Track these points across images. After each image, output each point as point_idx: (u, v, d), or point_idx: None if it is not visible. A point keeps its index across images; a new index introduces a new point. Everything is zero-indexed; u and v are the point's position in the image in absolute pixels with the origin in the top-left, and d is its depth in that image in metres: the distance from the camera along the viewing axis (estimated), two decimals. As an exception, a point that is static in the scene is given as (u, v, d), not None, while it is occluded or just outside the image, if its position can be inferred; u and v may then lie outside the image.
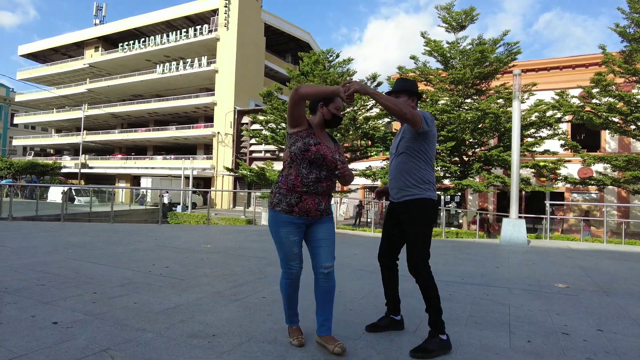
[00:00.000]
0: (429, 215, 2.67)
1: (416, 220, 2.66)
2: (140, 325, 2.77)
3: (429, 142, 2.66)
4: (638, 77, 16.42)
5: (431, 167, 2.71)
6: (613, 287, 4.77)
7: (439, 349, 2.46)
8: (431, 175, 2.70)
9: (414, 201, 2.65)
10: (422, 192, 2.64)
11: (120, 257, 5.39)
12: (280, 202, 2.41)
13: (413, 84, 2.80)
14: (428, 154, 2.68)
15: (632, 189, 16.91)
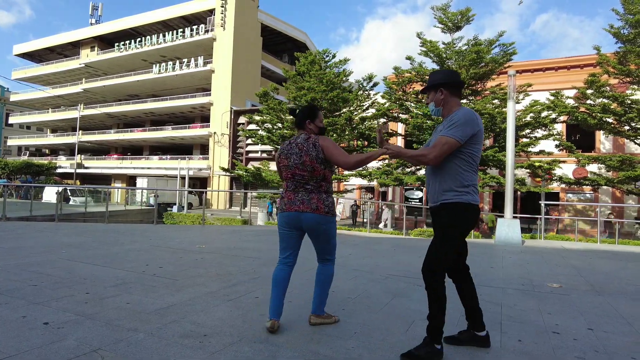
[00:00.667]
0: (462, 220, 2.45)
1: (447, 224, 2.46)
2: (132, 326, 2.76)
3: (471, 144, 2.42)
4: (632, 78, 16.54)
5: (473, 170, 2.47)
6: (605, 286, 4.80)
7: (430, 357, 2.36)
8: (472, 179, 2.46)
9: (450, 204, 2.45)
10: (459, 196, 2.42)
11: (114, 258, 5.38)
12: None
13: (435, 76, 2.61)
14: (470, 156, 2.44)
15: (626, 189, 17.02)
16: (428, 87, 2.62)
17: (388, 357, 2.43)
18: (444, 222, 2.47)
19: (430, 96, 2.62)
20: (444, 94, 2.54)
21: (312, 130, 2.86)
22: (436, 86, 2.56)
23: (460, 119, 2.39)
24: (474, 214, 2.47)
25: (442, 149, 2.37)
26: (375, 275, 4.91)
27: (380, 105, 20.71)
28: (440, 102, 2.57)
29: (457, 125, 2.37)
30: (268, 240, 8.07)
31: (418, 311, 3.43)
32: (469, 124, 2.37)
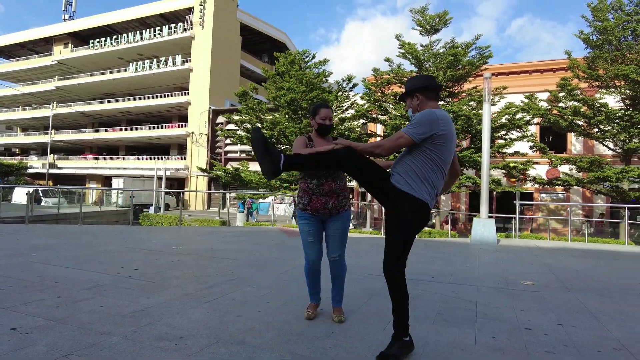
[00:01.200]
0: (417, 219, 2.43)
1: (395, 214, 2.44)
2: (105, 329, 2.70)
3: (435, 143, 2.37)
4: (600, 83, 17.11)
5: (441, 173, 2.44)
6: (575, 283, 4.95)
7: (403, 352, 2.41)
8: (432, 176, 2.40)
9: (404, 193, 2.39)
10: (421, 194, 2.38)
11: (87, 260, 5.25)
12: (299, 203, 3.03)
13: (409, 83, 2.61)
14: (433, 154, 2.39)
15: (595, 189, 17.59)
16: (404, 95, 2.65)
17: (365, 355, 2.45)
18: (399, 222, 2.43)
19: (407, 103, 2.65)
20: (420, 99, 2.56)
21: (314, 126, 3.07)
22: (411, 92, 2.58)
23: (417, 118, 2.38)
24: (427, 212, 2.42)
25: (396, 142, 2.36)
26: (353, 275, 4.94)
27: (359, 106, 20.83)
28: (416, 108, 2.57)
29: (413, 124, 2.37)
30: (247, 242, 8.01)
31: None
32: (425, 124, 2.34)
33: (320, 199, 2.93)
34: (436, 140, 2.36)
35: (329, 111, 3.02)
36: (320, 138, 3.06)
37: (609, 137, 17.09)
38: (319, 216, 2.98)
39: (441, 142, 2.38)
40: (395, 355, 2.38)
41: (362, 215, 25.15)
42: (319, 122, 3.02)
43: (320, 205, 2.94)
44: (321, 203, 2.93)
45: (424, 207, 2.39)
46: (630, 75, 15.12)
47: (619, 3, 16.42)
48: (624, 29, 16.15)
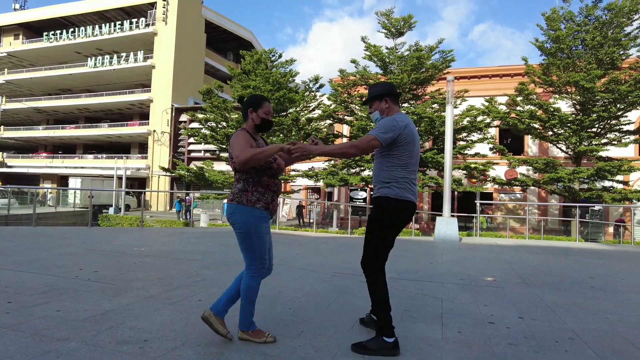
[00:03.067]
0: (388, 214, 2.58)
1: (374, 217, 2.63)
2: (62, 335, 2.57)
3: (400, 146, 2.56)
4: (554, 88, 18.01)
5: (402, 167, 2.59)
6: (533, 278, 5.17)
7: (378, 349, 2.44)
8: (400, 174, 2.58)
9: (375, 198, 2.65)
10: (382, 189, 2.60)
11: (42, 263, 4.97)
12: (259, 200, 2.51)
13: (378, 88, 2.79)
14: (400, 156, 2.58)
15: (549, 189, 18.47)
16: (373, 97, 2.79)
17: (335, 353, 2.45)
18: (372, 216, 2.65)
19: (374, 106, 2.79)
20: (388, 103, 2.75)
21: (254, 120, 2.62)
22: (382, 96, 2.75)
23: (383, 124, 2.57)
24: (396, 206, 2.57)
25: (369, 144, 2.55)
26: (321, 274, 4.95)
27: (326, 106, 20.92)
28: (384, 111, 2.76)
29: (380, 128, 2.55)
30: (212, 243, 7.86)
31: (363, 307, 3.49)
32: (390, 130, 2.53)
33: (277, 198, 2.67)
34: (401, 144, 2.57)
35: (270, 106, 2.68)
36: (257, 135, 2.67)
37: (561, 140, 17.99)
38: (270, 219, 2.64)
39: (403, 143, 2.57)
40: (369, 348, 2.45)
41: (328, 215, 25.27)
42: (263, 116, 2.61)
43: (277, 205, 2.69)
44: (277, 202, 2.69)
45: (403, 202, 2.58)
46: (580, 82, 15.98)
47: (570, 14, 17.37)
48: (575, 39, 17.09)
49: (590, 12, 16.90)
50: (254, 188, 2.51)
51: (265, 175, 2.55)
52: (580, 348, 2.69)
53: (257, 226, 2.48)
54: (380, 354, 2.44)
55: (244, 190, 2.51)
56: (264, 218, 2.52)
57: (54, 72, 41.16)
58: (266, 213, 2.54)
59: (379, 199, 2.62)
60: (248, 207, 2.47)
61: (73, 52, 40.93)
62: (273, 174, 2.58)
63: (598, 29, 16.62)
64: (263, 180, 2.53)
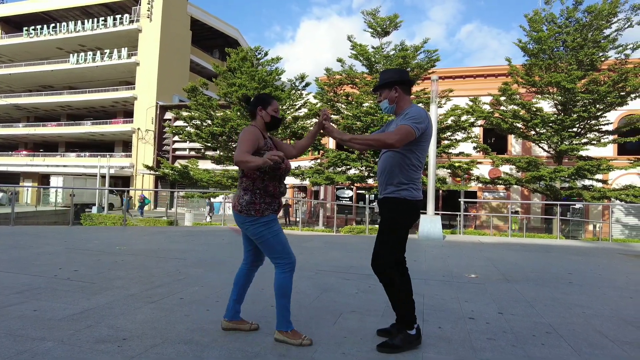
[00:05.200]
0: (402, 215, 2.53)
1: (388, 217, 2.55)
2: (38, 334, 2.52)
3: (421, 141, 2.50)
4: (537, 88, 18.32)
5: (417, 167, 2.55)
6: (514, 275, 5.26)
7: (405, 343, 2.46)
8: (414, 175, 2.54)
9: (390, 199, 2.54)
10: (399, 191, 2.51)
11: (20, 262, 4.87)
12: (268, 209, 2.54)
13: (388, 74, 2.66)
14: (417, 153, 2.52)
15: (532, 187, 18.80)
16: (382, 85, 2.65)
17: (316, 349, 2.46)
18: (386, 216, 2.57)
19: (384, 94, 2.66)
20: (398, 92, 2.60)
21: (264, 118, 2.64)
22: (391, 84, 2.61)
23: (416, 114, 2.47)
24: (411, 208, 2.52)
25: (404, 136, 2.41)
26: (305, 271, 4.95)
27: (312, 105, 20.90)
28: (394, 100, 2.62)
29: (415, 119, 2.44)
30: (195, 241, 7.80)
31: (346, 304, 3.51)
32: (423, 121, 2.45)
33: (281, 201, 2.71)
34: (422, 138, 2.48)
35: (277, 104, 2.73)
36: (266, 134, 2.69)
37: (543, 140, 18.31)
38: None
39: (425, 139, 2.51)
40: (397, 345, 2.45)
41: (315, 214, 25.29)
42: (272, 114, 2.65)
43: (282, 205, 2.73)
44: (282, 203, 2.74)
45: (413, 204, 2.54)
46: (561, 83, 16.29)
47: (552, 16, 17.69)
48: (556, 40, 17.42)
49: (571, 14, 17.23)
50: (262, 200, 2.53)
51: (272, 182, 2.55)
52: (556, 341, 2.75)
53: (269, 229, 2.52)
54: (406, 349, 2.46)
55: (251, 202, 2.52)
56: (274, 220, 2.57)
57: (35, 68, 40.25)
58: (274, 215, 2.59)
59: (397, 200, 2.51)
60: (257, 217, 2.50)
61: (54, 47, 40.09)
62: (280, 175, 2.58)
63: (578, 31, 16.95)
64: (269, 190, 2.54)
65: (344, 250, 7.34)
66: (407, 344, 2.48)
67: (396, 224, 2.53)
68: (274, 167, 2.47)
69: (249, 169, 2.47)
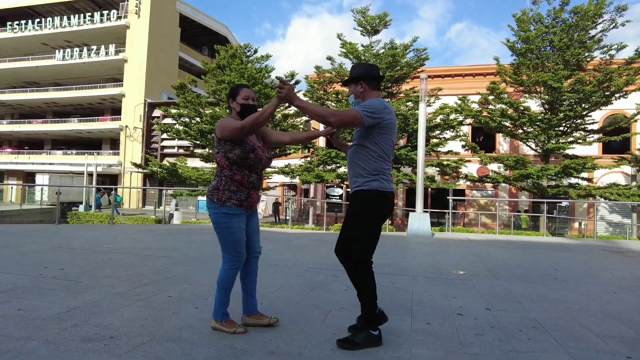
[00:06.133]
0: (376, 207, 2.51)
1: (358, 211, 2.53)
2: (22, 334, 2.48)
3: (382, 132, 2.48)
4: (524, 88, 18.53)
5: (384, 158, 2.52)
6: (501, 271, 5.32)
7: (366, 342, 2.45)
8: (383, 166, 2.51)
9: (361, 192, 2.52)
10: (370, 182, 2.49)
11: (3, 261, 4.79)
12: (231, 199, 2.56)
13: (355, 70, 2.66)
14: (380, 144, 2.49)
15: (519, 185, 19.03)
16: (349, 80, 2.67)
17: (305, 346, 2.46)
18: (356, 210, 2.55)
19: (351, 89, 2.67)
20: (364, 87, 2.60)
21: (235, 108, 2.65)
22: (356, 79, 2.62)
23: (370, 104, 2.47)
24: (383, 200, 2.51)
25: (346, 118, 2.43)
26: (294, 269, 4.95)
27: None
28: (359, 95, 2.63)
29: (367, 107, 2.44)
30: (183, 239, 7.75)
31: (335, 301, 3.52)
32: (378, 112, 2.43)
33: (257, 193, 2.68)
34: (382, 130, 2.47)
35: (250, 91, 2.69)
36: None
37: (531, 138, 18.54)
38: (249, 212, 2.68)
39: (387, 131, 2.49)
40: (358, 343, 2.44)
41: (305, 212, 25.28)
42: (242, 102, 2.62)
43: (257, 200, 2.70)
44: (258, 197, 2.71)
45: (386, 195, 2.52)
46: (548, 82, 16.50)
47: (539, 16, 17.90)
48: (543, 40, 17.64)
49: (558, 14, 17.45)
50: (226, 187, 2.56)
51: (240, 170, 2.56)
52: (542, 336, 2.79)
53: (226, 222, 2.54)
54: (367, 347, 2.44)
55: (216, 188, 2.58)
56: (235, 215, 2.56)
57: (19, 64, 39.48)
58: (239, 210, 2.57)
59: (366, 192, 2.49)
60: (218, 205, 2.55)
61: (40, 43, 39.37)
62: (250, 164, 2.57)
63: (565, 31, 17.18)
64: (235, 178, 2.55)
65: (332, 247, 7.34)
66: (369, 343, 2.45)
67: (369, 217, 2.51)
68: (242, 156, 2.53)
69: (265, 120, 2.47)
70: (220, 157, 2.58)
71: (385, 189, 2.51)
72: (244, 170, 2.58)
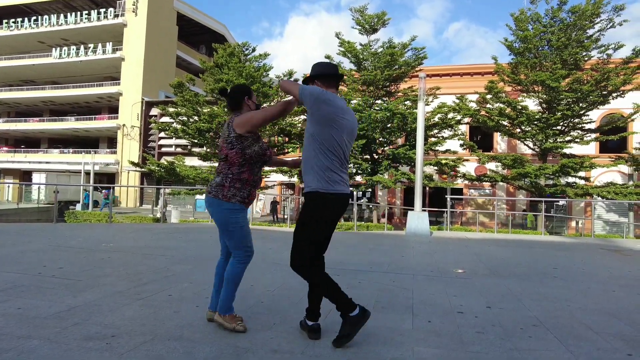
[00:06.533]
0: (318, 209, 2.43)
1: (303, 213, 2.48)
2: (23, 333, 2.47)
3: (324, 124, 2.39)
4: (522, 87, 18.58)
5: (326, 155, 2.41)
6: (501, 270, 5.33)
7: (351, 329, 2.40)
8: (330, 163, 2.41)
9: (306, 194, 2.47)
10: (315, 182, 2.41)
11: (2, 260, 4.76)
12: (235, 195, 2.58)
13: (313, 69, 2.63)
14: (324, 142, 2.40)
15: (517, 184, 19.08)
16: (305, 80, 2.69)
17: (307, 344, 2.46)
18: (302, 212, 2.53)
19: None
20: (319, 86, 2.54)
21: (250, 107, 2.71)
22: (311, 79, 2.61)
23: (317, 88, 2.43)
24: (328, 201, 2.41)
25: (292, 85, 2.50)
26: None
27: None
28: None
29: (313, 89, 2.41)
30: (182, 238, 7.73)
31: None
32: (315, 92, 2.38)
33: (255, 191, 2.71)
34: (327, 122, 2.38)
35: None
36: None
37: (529, 137, 18.59)
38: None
39: (329, 125, 2.39)
40: (345, 335, 2.41)
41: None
42: (257, 102, 2.78)
43: (255, 196, 2.75)
44: (255, 194, 2.74)
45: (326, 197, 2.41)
46: (546, 82, 16.55)
47: (537, 15, 17.94)
48: (541, 39, 17.68)
49: (556, 14, 17.50)
50: (232, 184, 2.58)
51: (250, 168, 2.62)
52: (543, 334, 2.80)
53: (234, 218, 2.58)
54: (358, 328, 2.41)
55: (221, 185, 2.59)
56: (240, 210, 2.60)
57: (15, 62, 39.28)
58: (242, 205, 2.62)
59: (312, 195, 2.43)
60: (223, 202, 2.56)
61: (36, 41, 39.16)
62: (264, 161, 2.69)
63: (562, 31, 17.23)
64: (243, 177, 2.60)
65: (332, 246, 7.30)
66: (353, 328, 2.40)
67: (310, 219, 2.45)
68: (260, 152, 2.62)
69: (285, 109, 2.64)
70: (235, 153, 2.56)
71: (326, 190, 2.40)
72: (253, 168, 2.63)
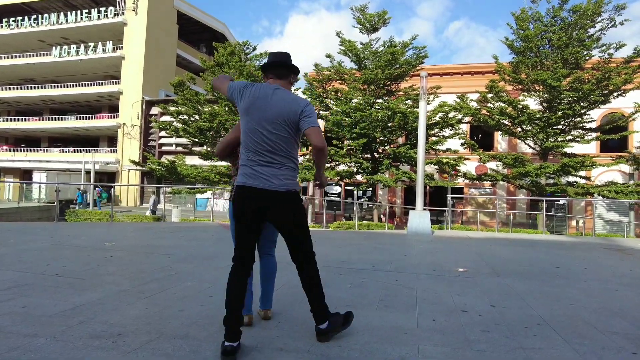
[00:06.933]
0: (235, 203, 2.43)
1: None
2: (30, 331, 2.47)
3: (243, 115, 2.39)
4: (523, 86, 18.56)
5: (243, 150, 2.41)
6: (503, 269, 5.34)
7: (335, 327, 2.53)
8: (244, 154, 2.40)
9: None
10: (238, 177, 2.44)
11: (4, 259, 4.77)
12: None
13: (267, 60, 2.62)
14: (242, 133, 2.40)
15: (518, 184, 19.08)
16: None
17: (313, 343, 2.47)
18: None
19: None
20: (271, 77, 2.55)
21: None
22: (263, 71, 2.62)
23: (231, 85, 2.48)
24: (238, 194, 2.40)
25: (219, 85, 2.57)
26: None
27: (301, 100, 20.81)
28: None
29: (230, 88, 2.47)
30: (184, 237, 7.74)
31: (340, 298, 3.53)
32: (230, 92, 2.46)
33: None
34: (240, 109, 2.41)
35: None
36: None
37: (529, 136, 18.58)
38: None
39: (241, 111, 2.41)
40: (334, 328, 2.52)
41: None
42: None
43: None
44: None
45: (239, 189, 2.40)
46: (547, 81, 16.52)
47: (538, 14, 17.92)
48: (542, 38, 17.66)
49: (557, 13, 17.47)
50: None
51: None
52: (547, 332, 2.81)
53: None
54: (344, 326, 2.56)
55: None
56: None
57: (15, 60, 39.26)
58: None
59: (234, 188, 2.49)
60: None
61: (36, 40, 39.12)
62: None
63: (564, 30, 17.20)
64: None
65: (334, 245, 7.36)
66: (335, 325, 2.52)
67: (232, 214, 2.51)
68: None
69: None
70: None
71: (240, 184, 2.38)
72: None
